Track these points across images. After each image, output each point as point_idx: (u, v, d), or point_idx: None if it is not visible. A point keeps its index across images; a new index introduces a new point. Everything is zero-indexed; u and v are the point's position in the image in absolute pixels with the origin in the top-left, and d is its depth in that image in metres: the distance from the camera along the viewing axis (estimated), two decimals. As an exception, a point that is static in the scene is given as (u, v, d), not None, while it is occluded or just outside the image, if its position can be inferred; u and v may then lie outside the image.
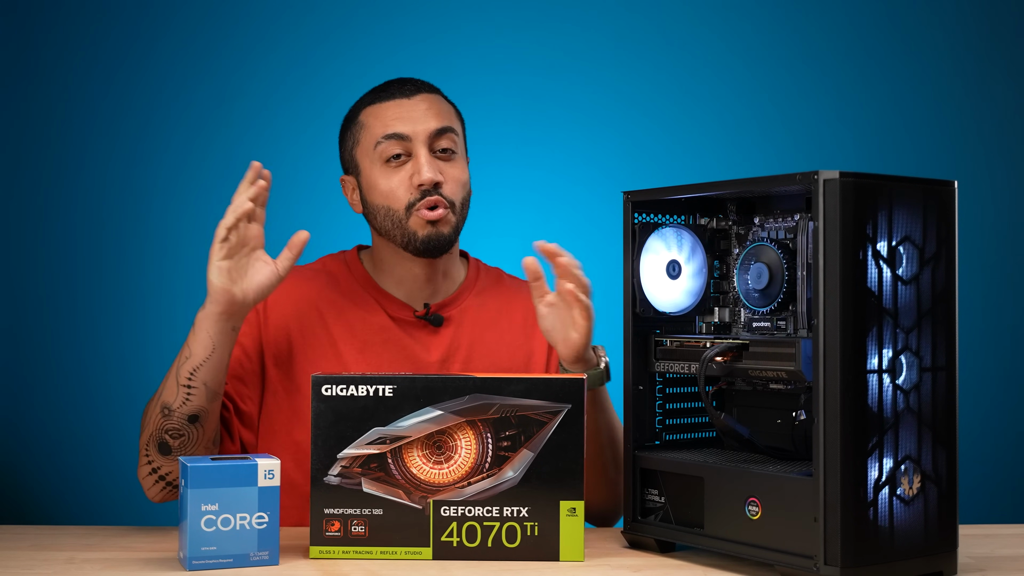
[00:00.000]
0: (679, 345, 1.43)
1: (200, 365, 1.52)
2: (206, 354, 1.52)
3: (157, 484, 1.58)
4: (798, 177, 1.26)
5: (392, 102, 1.69)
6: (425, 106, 1.69)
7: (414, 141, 1.66)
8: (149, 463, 1.56)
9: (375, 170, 1.68)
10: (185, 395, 1.52)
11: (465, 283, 1.77)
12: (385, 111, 1.69)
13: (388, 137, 1.66)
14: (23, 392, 2.66)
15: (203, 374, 1.52)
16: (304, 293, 1.72)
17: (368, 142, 1.69)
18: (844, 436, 1.22)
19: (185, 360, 1.52)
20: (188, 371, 1.52)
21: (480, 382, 1.38)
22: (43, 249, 2.68)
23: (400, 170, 1.67)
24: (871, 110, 2.87)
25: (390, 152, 1.67)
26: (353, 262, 1.76)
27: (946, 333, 1.31)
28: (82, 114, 2.68)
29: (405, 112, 1.68)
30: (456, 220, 1.69)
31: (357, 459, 1.37)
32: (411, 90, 1.70)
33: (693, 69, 2.84)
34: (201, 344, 1.52)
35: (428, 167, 1.65)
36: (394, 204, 1.67)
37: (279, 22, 2.75)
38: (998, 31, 2.92)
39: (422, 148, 1.66)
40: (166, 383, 1.54)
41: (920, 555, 1.28)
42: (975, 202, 2.80)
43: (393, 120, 1.67)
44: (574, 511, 1.39)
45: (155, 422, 1.54)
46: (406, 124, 1.67)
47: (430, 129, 1.67)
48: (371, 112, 1.70)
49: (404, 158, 1.67)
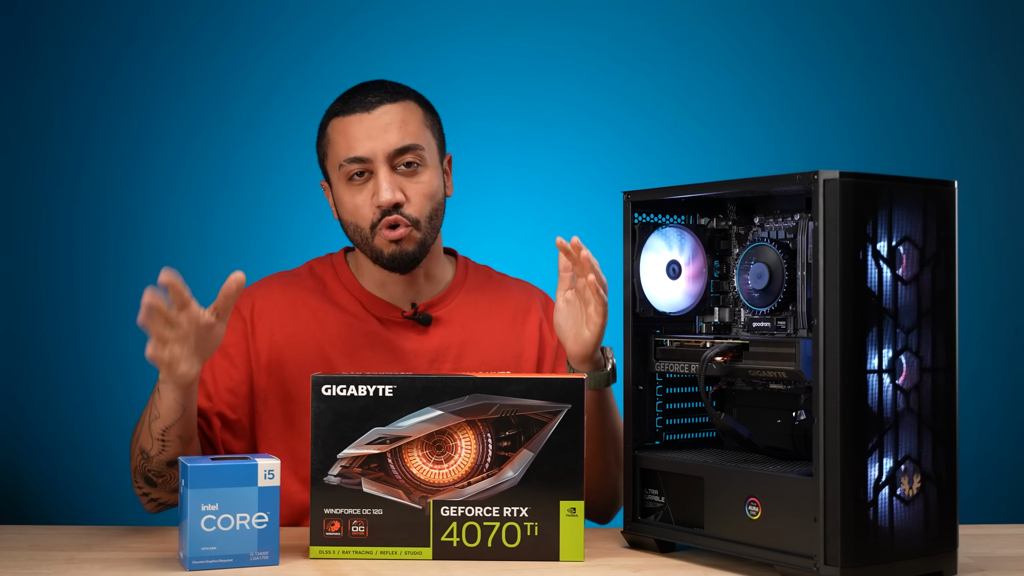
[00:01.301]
0: (679, 345, 1.43)
1: (171, 425, 1.50)
2: (175, 416, 1.50)
3: (150, 503, 1.60)
4: (798, 177, 1.26)
5: (353, 117, 1.65)
6: (387, 120, 1.64)
7: (374, 161, 1.63)
8: (140, 489, 1.58)
9: (341, 186, 1.67)
10: (160, 447, 1.52)
11: (453, 282, 1.77)
12: (347, 127, 1.65)
13: (350, 160, 1.64)
14: (23, 392, 2.66)
15: (175, 430, 1.51)
16: (290, 299, 1.71)
17: (333, 158, 1.67)
18: (844, 436, 1.22)
19: (155, 419, 1.50)
20: (160, 428, 1.51)
21: (480, 382, 1.38)
22: (43, 249, 2.68)
23: (363, 188, 1.65)
24: (871, 110, 2.87)
25: (352, 171, 1.64)
26: (340, 265, 1.76)
27: (946, 333, 1.31)
28: (82, 114, 2.68)
29: (364, 130, 1.64)
30: (422, 235, 1.65)
31: (357, 459, 1.37)
32: (373, 102, 1.65)
33: (693, 69, 2.84)
34: (168, 408, 1.49)
35: (387, 188, 1.62)
36: (360, 222, 1.65)
37: (279, 22, 2.75)
38: (998, 31, 2.92)
39: (382, 167, 1.63)
40: (141, 429, 1.53)
41: (920, 555, 1.28)
42: (975, 202, 2.80)
43: (353, 140, 1.64)
44: (574, 511, 1.39)
45: (136, 460, 1.55)
46: (364, 144, 1.63)
47: (389, 148, 1.63)
48: (335, 127, 1.67)
49: (368, 175, 1.65)
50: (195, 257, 2.69)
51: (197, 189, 2.70)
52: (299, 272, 1.76)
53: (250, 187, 2.71)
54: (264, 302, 1.70)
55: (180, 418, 1.50)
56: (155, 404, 1.50)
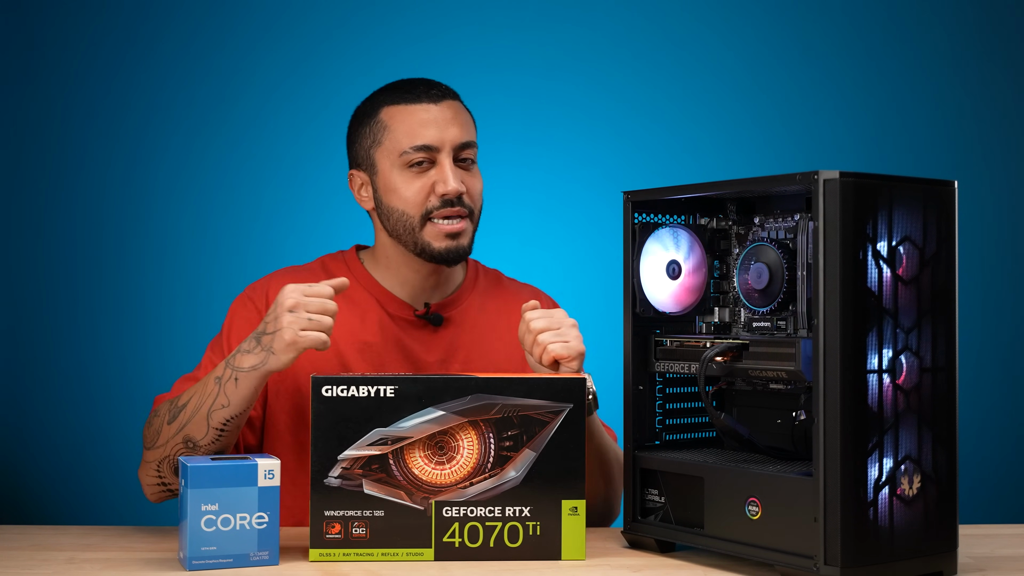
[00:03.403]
0: (679, 345, 1.43)
1: (237, 415, 1.50)
2: (245, 406, 1.50)
3: (162, 492, 1.58)
4: (798, 177, 1.26)
5: (419, 106, 1.66)
6: (452, 114, 1.67)
7: (440, 151, 1.65)
8: (160, 478, 1.56)
9: (395, 173, 1.66)
10: (216, 436, 1.50)
11: (464, 284, 1.77)
12: (412, 115, 1.66)
13: (417, 148, 1.64)
14: (23, 392, 2.66)
15: (237, 422, 1.51)
16: None
17: (392, 145, 1.66)
18: (844, 436, 1.22)
19: (221, 408, 1.49)
20: (223, 418, 1.49)
21: (482, 382, 1.38)
22: (43, 249, 2.68)
23: (422, 176, 1.65)
24: (871, 110, 2.87)
25: (415, 159, 1.65)
26: (353, 262, 1.76)
27: (946, 333, 1.31)
28: (82, 114, 2.68)
29: (432, 119, 1.65)
30: (474, 229, 1.69)
31: (358, 460, 1.37)
32: (437, 95, 1.68)
33: (693, 69, 2.84)
34: (243, 398, 1.49)
35: (454, 177, 1.64)
36: (411, 210, 1.66)
37: (279, 22, 2.75)
38: (998, 31, 2.92)
39: (447, 158, 1.65)
40: (192, 418, 1.50)
41: (920, 555, 1.28)
42: (975, 202, 2.80)
43: (420, 127, 1.65)
44: (576, 510, 1.39)
45: (174, 449, 1.52)
46: (434, 134, 1.65)
47: (456, 140, 1.65)
48: (395, 113, 1.67)
49: (427, 165, 1.65)
50: (195, 257, 2.69)
51: (197, 189, 2.70)
52: (311, 267, 1.76)
53: (250, 187, 2.71)
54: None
55: (248, 409, 1.50)
56: (224, 394, 1.49)
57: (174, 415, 1.52)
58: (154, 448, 1.54)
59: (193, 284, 2.68)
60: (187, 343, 2.46)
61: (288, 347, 1.44)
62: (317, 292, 1.46)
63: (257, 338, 1.47)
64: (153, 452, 1.54)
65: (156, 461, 1.54)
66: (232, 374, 1.48)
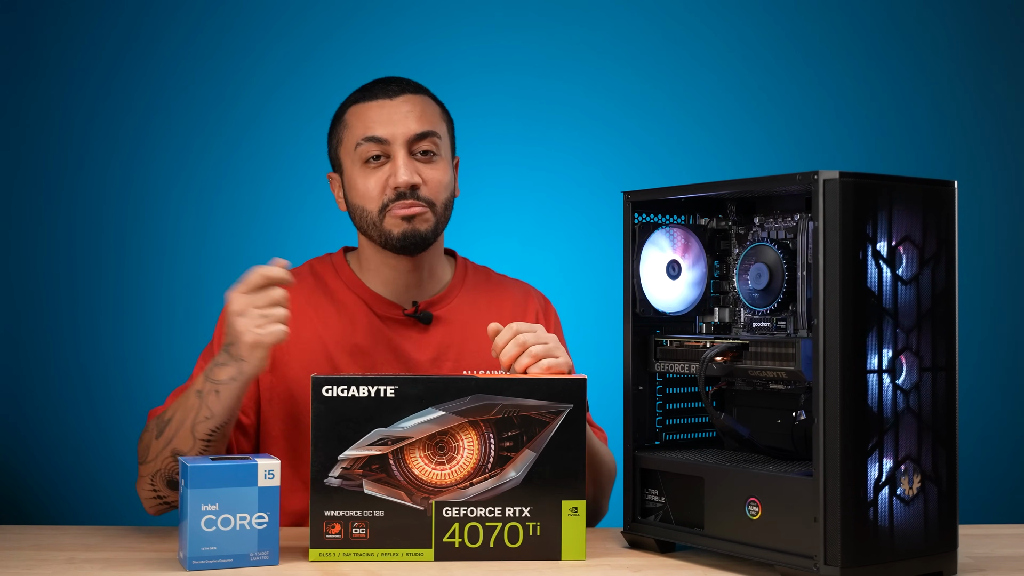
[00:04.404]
0: (679, 345, 1.43)
1: (222, 425, 1.49)
2: (229, 416, 1.49)
3: (160, 505, 1.57)
4: (798, 177, 1.26)
5: (375, 103, 1.68)
6: (407, 108, 1.67)
7: (393, 144, 1.66)
8: (155, 492, 1.55)
9: (355, 170, 1.68)
10: (203, 447, 1.50)
11: (453, 281, 1.77)
12: (367, 112, 1.68)
13: (367, 140, 1.66)
14: (23, 392, 2.66)
15: (223, 431, 1.50)
16: (292, 297, 1.71)
17: (350, 142, 1.69)
18: (844, 436, 1.22)
19: (205, 419, 1.48)
20: (208, 430, 1.49)
21: (482, 382, 1.38)
22: (43, 249, 2.68)
23: (378, 171, 1.66)
24: (871, 110, 2.87)
25: (369, 153, 1.66)
26: (340, 263, 1.76)
27: (946, 333, 1.31)
28: (82, 114, 2.68)
29: (386, 114, 1.67)
30: (436, 220, 1.68)
31: (358, 460, 1.37)
32: (395, 91, 1.69)
33: (693, 69, 2.84)
34: (226, 408, 1.48)
35: (404, 169, 1.64)
36: (368, 204, 1.66)
37: (279, 22, 2.75)
38: (998, 31, 2.92)
39: (401, 150, 1.65)
40: (178, 432, 1.50)
41: (920, 555, 1.28)
42: (975, 202, 2.80)
43: (374, 122, 1.67)
44: (576, 510, 1.39)
45: (164, 463, 1.52)
46: (386, 127, 1.66)
47: (410, 132, 1.66)
48: (354, 112, 1.70)
49: (383, 159, 1.66)
50: (195, 257, 2.69)
51: (197, 189, 2.70)
52: (299, 271, 1.76)
53: (250, 187, 2.72)
54: None
55: (232, 418, 1.50)
56: (206, 406, 1.48)
57: (160, 429, 1.52)
58: (146, 463, 1.54)
59: (193, 284, 2.68)
60: (187, 343, 2.46)
61: (252, 349, 1.43)
62: (255, 284, 1.43)
63: (226, 350, 1.47)
64: (145, 467, 1.54)
65: (149, 476, 1.54)
66: (212, 387, 1.48)
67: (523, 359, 1.46)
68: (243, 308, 1.43)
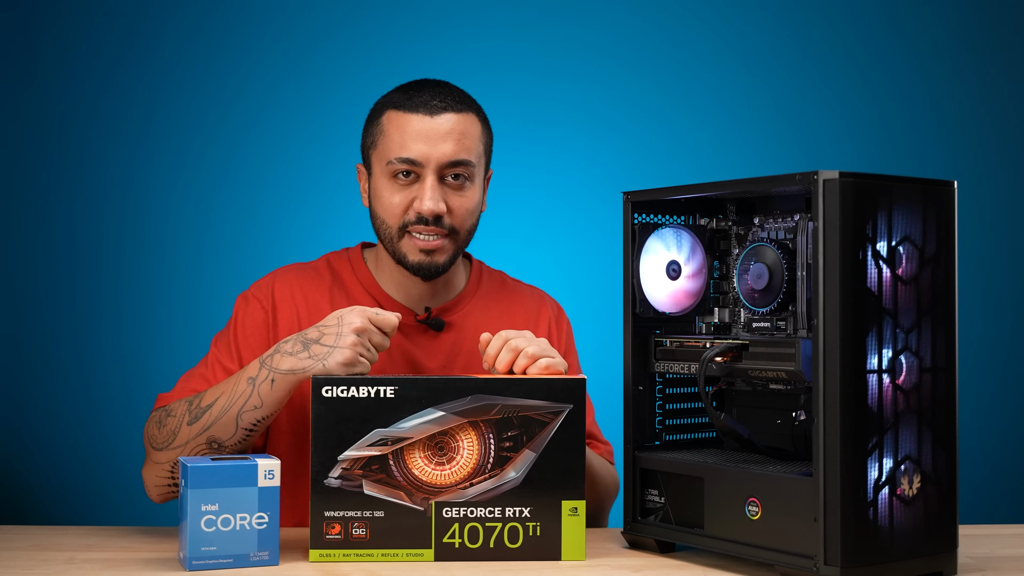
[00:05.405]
0: (679, 345, 1.43)
1: (267, 417, 1.49)
2: (276, 408, 1.49)
3: (171, 491, 1.56)
4: (798, 177, 1.27)
5: (415, 116, 1.62)
6: (447, 128, 1.61)
7: (425, 166, 1.61)
8: (172, 478, 1.54)
9: (383, 180, 1.65)
10: (244, 436, 1.50)
11: (467, 288, 1.76)
12: (406, 124, 1.62)
13: (400, 160, 1.61)
14: (23, 392, 2.66)
15: (267, 423, 1.50)
16: (310, 292, 1.70)
17: (383, 152, 1.64)
18: (844, 436, 1.22)
19: (254, 408, 1.48)
20: (254, 419, 1.49)
21: (482, 383, 1.38)
22: (43, 249, 2.68)
23: (405, 189, 1.63)
24: (871, 110, 2.87)
25: (399, 170, 1.62)
26: (356, 261, 1.75)
27: (946, 333, 1.31)
28: (82, 114, 2.68)
29: (423, 134, 1.61)
30: (456, 248, 1.66)
31: (358, 461, 1.37)
32: (438, 107, 1.62)
33: (693, 69, 2.84)
34: (277, 400, 1.48)
35: (431, 198, 1.60)
36: (389, 220, 1.64)
37: (279, 22, 2.75)
38: (998, 31, 2.92)
39: (431, 176, 1.61)
40: (220, 419, 1.49)
41: (920, 555, 1.28)
42: (975, 202, 2.80)
43: (409, 140, 1.61)
44: (576, 511, 1.39)
45: (195, 450, 1.51)
46: (421, 148, 1.60)
47: (444, 159, 1.61)
48: (393, 119, 1.64)
49: (414, 177, 1.62)
50: (195, 257, 2.69)
51: (197, 189, 2.70)
52: (316, 265, 1.75)
53: (250, 187, 2.72)
54: (283, 293, 1.69)
55: (277, 411, 1.50)
56: (258, 395, 1.48)
57: (196, 416, 1.50)
58: (168, 449, 1.52)
59: (193, 284, 2.68)
60: (187, 343, 2.47)
61: (342, 366, 1.44)
62: (382, 323, 1.49)
63: (305, 344, 1.46)
64: (166, 453, 1.53)
65: (169, 462, 1.53)
66: (268, 375, 1.47)
67: (520, 360, 1.46)
68: (362, 329, 1.46)
